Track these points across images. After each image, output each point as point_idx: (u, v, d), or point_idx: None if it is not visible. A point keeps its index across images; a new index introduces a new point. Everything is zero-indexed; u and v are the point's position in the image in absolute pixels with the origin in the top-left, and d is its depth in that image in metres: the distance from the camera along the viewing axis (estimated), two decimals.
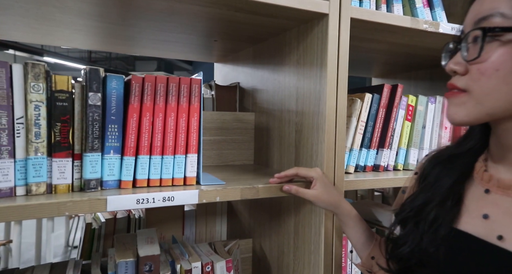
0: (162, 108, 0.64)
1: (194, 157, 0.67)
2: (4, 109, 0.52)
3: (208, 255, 0.77)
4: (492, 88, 0.41)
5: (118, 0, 0.65)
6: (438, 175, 0.52)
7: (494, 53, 0.40)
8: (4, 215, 0.49)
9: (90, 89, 0.58)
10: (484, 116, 0.42)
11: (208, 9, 0.71)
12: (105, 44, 1.06)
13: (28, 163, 0.55)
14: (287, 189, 0.68)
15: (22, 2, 0.65)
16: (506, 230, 0.42)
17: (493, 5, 0.41)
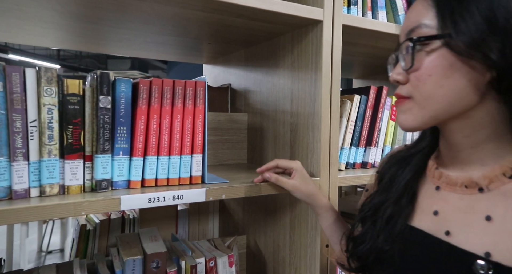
0: (169, 110, 0.66)
1: (200, 157, 0.70)
2: (18, 113, 0.53)
3: (210, 251, 0.80)
4: (429, 92, 0.43)
5: (119, 4, 0.66)
6: (394, 174, 0.54)
7: (425, 61, 0.43)
8: (23, 215, 0.50)
9: (100, 92, 0.59)
10: (429, 120, 0.44)
11: (209, 15, 0.74)
12: (95, 45, 1.06)
13: (42, 164, 0.56)
14: (267, 176, 0.70)
15: None
16: (452, 226, 0.44)
17: (418, 17, 0.45)
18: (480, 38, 0.39)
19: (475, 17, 0.40)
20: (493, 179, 0.42)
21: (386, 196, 0.54)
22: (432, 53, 0.43)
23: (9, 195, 0.53)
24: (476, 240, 0.41)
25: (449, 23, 0.41)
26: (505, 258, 0.38)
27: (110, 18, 0.76)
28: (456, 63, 0.41)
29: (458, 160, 0.47)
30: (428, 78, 0.43)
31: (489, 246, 0.40)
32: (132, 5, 0.67)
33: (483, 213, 0.42)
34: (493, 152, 0.43)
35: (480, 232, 0.41)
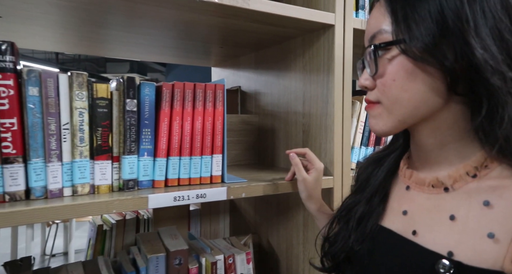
0: (190, 112, 0.69)
1: (219, 157, 0.72)
2: (53, 116, 0.56)
3: (228, 249, 0.83)
4: (395, 97, 0.43)
5: (132, 10, 0.69)
6: (369, 175, 0.56)
7: (387, 66, 0.44)
8: (60, 213, 0.52)
9: (127, 96, 0.62)
10: (398, 124, 0.45)
11: (225, 20, 0.77)
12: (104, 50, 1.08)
13: (74, 165, 0.58)
14: (292, 156, 0.73)
15: None
16: (419, 225, 0.45)
17: (377, 23, 0.45)
18: (432, 43, 0.40)
19: (427, 22, 0.40)
20: (458, 179, 0.43)
21: (360, 196, 0.55)
22: (394, 58, 0.43)
23: (45, 194, 0.56)
24: (440, 239, 0.42)
25: (403, 29, 0.42)
26: (467, 257, 0.38)
27: (124, 23, 0.78)
28: (416, 68, 0.42)
29: (426, 160, 0.47)
30: (393, 84, 0.43)
31: (452, 245, 0.40)
32: (147, 12, 0.69)
33: (448, 213, 0.42)
34: (458, 152, 0.44)
35: (444, 231, 0.42)
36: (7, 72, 0.52)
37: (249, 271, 0.81)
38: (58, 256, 3.63)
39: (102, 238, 1.04)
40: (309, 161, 0.74)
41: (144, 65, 10.82)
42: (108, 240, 1.04)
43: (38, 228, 3.75)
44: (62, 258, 3.65)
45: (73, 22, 0.78)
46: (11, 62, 0.52)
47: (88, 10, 0.69)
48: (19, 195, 0.54)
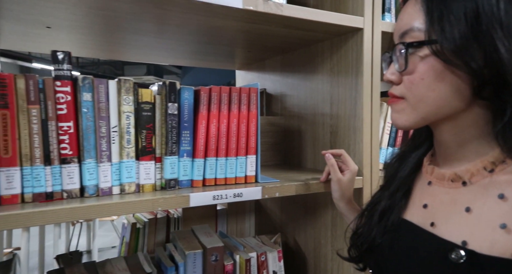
0: (226, 115, 0.72)
1: (253, 158, 0.75)
2: (103, 120, 0.60)
3: (259, 247, 0.86)
4: (422, 95, 0.44)
5: (164, 17, 0.72)
6: (395, 171, 0.57)
7: (418, 65, 0.44)
8: (112, 210, 0.56)
9: (169, 100, 0.66)
10: (420, 120, 0.46)
11: (256, 26, 0.79)
12: (135, 55, 1.13)
13: (122, 165, 0.62)
14: (328, 157, 0.75)
15: None
16: (437, 217, 0.47)
17: (410, 20, 0.45)
18: (463, 46, 0.40)
19: (461, 24, 0.40)
20: (475, 173, 0.45)
21: (386, 191, 0.57)
22: (424, 58, 0.44)
23: (97, 192, 0.60)
24: (455, 230, 0.44)
25: (436, 29, 0.42)
26: (480, 246, 0.40)
27: (156, 30, 0.82)
28: (446, 69, 0.42)
29: (447, 157, 0.49)
30: (421, 82, 0.44)
31: (467, 235, 0.42)
32: (178, 18, 0.72)
33: (464, 205, 0.44)
34: (477, 150, 0.45)
35: (459, 222, 0.44)
36: (64, 80, 0.56)
37: (280, 269, 0.84)
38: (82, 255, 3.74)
39: (135, 235, 1.08)
40: (344, 162, 0.76)
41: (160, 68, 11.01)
42: (141, 237, 1.09)
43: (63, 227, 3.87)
44: (85, 256, 3.76)
45: (112, 30, 0.82)
46: (68, 70, 0.57)
47: (127, 19, 0.74)
48: (75, 192, 0.58)
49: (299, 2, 0.87)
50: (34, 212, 0.50)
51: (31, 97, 0.54)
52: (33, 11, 0.65)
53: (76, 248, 3.68)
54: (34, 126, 0.54)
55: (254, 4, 0.68)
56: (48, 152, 0.56)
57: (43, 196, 0.56)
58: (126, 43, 0.96)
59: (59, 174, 0.57)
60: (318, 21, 0.75)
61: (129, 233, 1.10)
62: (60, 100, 0.56)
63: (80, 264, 0.68)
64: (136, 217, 1.16)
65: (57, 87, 0.56)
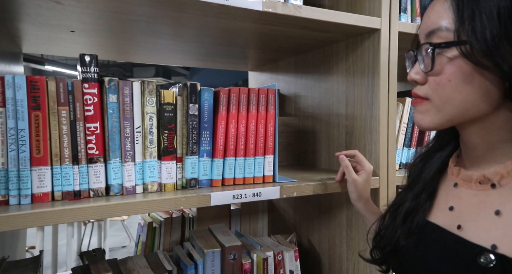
0: (245, 115, 0.73)
1: (271, 158, 0.76)
2: (128, 121, 0.62)
3: (276, 246, 0.86)
4: (448, 97, 0.43)
5: (181, 20, 0.73)
6: (419, 172, 0.56)
7: (445, 65, 0.43)
8: (137, 208, 0.58)
9: (190, 101, 0.67)
10: (445, 122, 0.45)
11: (274, 28, 0.81)
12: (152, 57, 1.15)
13: (145, 165, 0.64)
14: (342, 158, 0.75)
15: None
16: (464, 220, 0.46)
17: (437, 19, 0.43)
18: (495, 48, 0.38)
19: (493, 24, 0.38)
20: (505, 175, 0.43)
21: (410, 192, 0.56)
22: (453, 59, 0.42)
23: (121, 191, 0.62)
24: (484, 233, 0.42)
25: (467, 29, 0.40)
26: (510, 250, 0.39)
27: (173, 33, 0.84)
28: (474, 71, 0.41)
29: (474, 159, 0.48)
30: (448, 84, 0.43)
31: (496, 239, 0.41)
32: (194, 21, 0.73)
33: (494, 208, 0.43)
34: (506, 151, 0.44)
35: (488, 226, 0.42)
36: (92, 82, 0.58)
37: (297, 268, 0.85)
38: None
39: (152, 234, 1.10)
40: (359, 162, 0.75)
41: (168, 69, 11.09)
42: (157, 236, 1.11)
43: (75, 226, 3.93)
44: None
45: (133, 33, 0.84)
46: (95, 73, 0.58)
47: (148, 22, 0.75)
48: (101, 191, 0.60)
49: (314, 3, 0.88)
50: (64, 210, 0.52)
51: (61, 99, 0.56)
52: (60, 17, 0.67)
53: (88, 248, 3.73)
54: (63, 127, 0.56)
55: (273, 6, 0.69)
56: (76, 152, 0.58)
57: (71, 194, 0.57)
58: (144, 46, 0.98)
59: (86, 173, 0.59)
60: (335, 22, 0.76)
61: (145, 232, 1.12)
62: (87, 101, 0.58)
63: (104, 260, 0.69)
64: (152, 216, 1.18)
65: (85, 89, 0.58)
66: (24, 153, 0.53)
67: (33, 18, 0.68)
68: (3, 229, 0.46)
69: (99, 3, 0.62)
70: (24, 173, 0.53)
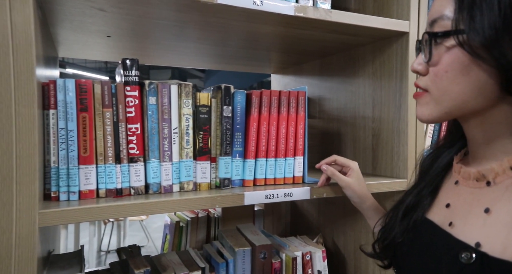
0: (276, 117, 0.75)
1: (301, 159, 0.78)
2: (166, 122, 0.64)
3: (303, 246, 0.87)
4: (445, 88, 0.42)
5: (216, 26, 0.76)
6: (427, 168, 0.56)
7: (443, 56, 0.42)
8: (176, 206, 0.60)
9: (224, 103, 0.69)
10: (444, 115, 0.44)
11: (304, 32, 0.82)
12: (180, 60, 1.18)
13: (181, 165, 0.66)
14: (324, 169, 0.72)
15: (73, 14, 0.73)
16: (456, 217, 0.46)
17: (440, 8, 0.43)
18: (493, 38, 0.37)
19: (493, 13, 0.37)
20: (500, 173, 0.42)
21: (415, 188, 0.56)
22: (450, 49, 0.41)
23: (159, 190, 0.64)
24: (471, 231, 0.42)
25: (465, 18, 0.39)
26: (493, 249, 0.39)
27: (201, 36, 0.86)
28: (472, 63, 0.40)
29: (476, 155, 0.47)
30: (445, 75, 0.42)
31: (482, 237, 0.40)
32: (221, 25, 0.75)
33: (484, 206, 0.42)
34: (505, 148, 0.43)
35: (477, 223, 0.42)
36: (133, 85, 0.61)
37: (324, 268, 0.85)
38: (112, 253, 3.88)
39: (179, 233, 1.13)
40: (342, 164, 0.73)
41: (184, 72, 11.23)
42: (184, 235, 1.13)
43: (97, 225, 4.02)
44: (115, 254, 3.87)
45: (165, 37, 0.87)
46: (136, 76, 0.61)
47: (182, 27, 0.78)
48: (140, 189, 0.62)
49: (340, 7, 0.90)
50: (110, 206, 0.54)
51: (106, 101, 0.59)
52: (101, 23, 0.70)
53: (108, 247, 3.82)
54: (107, 127, 0.59)
55: (304, 11, 0.70)
56: (118, 151, 0.61)
57: (114, 192, 0.60)
58: (173, 50, 1.01)
59: (127, 172, 0.61)
60: (365, 26, 0.77)
61: (172, 231, 1.14)
62: (129, 103, 0.61)
63: (141, 256, 0.72)
64: (178, 215, 1.21)
65: (127, 92, 0.61)
66: (73, 152, 0.56)
67: (75, 24, 0.71)
68: (56, 223, 0.49)
69: (138, 9, 0.65)
70: (72, 171, 0.56)
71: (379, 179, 0.84)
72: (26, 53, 0.46)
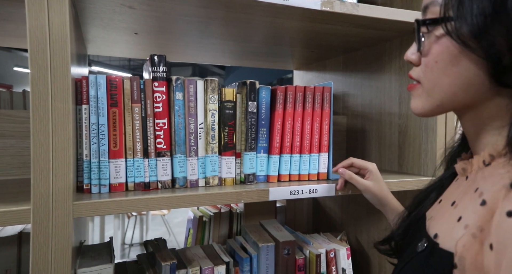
0: (300, 113, 0.74)
1: (326, 155, 0.77)
2: (192, 117, 0.65)
3: (327, 243, 0.87)
4: (435, 80, 0.40)
5: (243, 22, 0.76)
6: (446, 167, 0.55)
7: (432, 45, 0.40)
8: (203, 200, 0.61)
9: (249, 99, 0.69)
10: (436, 108, 0.42)
11: (330, 26, 0.81)
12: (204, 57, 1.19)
13: (207, 160, 0.67)
14: (341, 172, 0.70)
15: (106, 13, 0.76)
16: (434, 212, 0.46)
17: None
18: (481, 26, 0.35)
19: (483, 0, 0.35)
20: (474, 166, 0.42)
21: (424, 189, 0.55)
22: (440, 38, 0.39)
23: (185, 184, 0.65)
24: (438, 223, 0.43)
25: (454, 4, 0.37)
26: (444, 240, 0.39)
27: (226, 32, 0.86)
28: (461, 53, 0.37)
29: (473, 150, 0.45)
30: (435, 66, 0.40)
31: (441, 228, 0.41)
32: (257, 21, 0.75)
33: (453, 199, 0.43)
34: (492, 143, 0.41)
35: (443, 216, 0.43)
36: (160, 81, 0.62)
37: (349, 266, 0.84)
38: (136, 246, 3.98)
39: (202, 228, 1.14)
40: (359, 166, 0.72)
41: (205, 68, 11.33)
42: (207, 229, 1.15)
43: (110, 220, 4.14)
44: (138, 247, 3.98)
45: (190, 34, 0.88)
46: (164, 72, 0.62)
47: (208, 24, 0.79)
48: (167, 183, 0.63)
49: (366, 0, 0.88)
50: (139, 199, 0.56)
51: (135, 96, 0.60)
52: (130, 20, 0.72)
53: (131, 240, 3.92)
54: (136, 122, 0.61)
55: (331, 5, 0.69)
56: (146, 146, 0.62)
57: (142, 186, 0.62)
58: (197, 46, 1.02)
59: (155, 166, 0.63)
60: (393, 20, 0.75)
61: (195, 225, 1.16)
62: (157, 99, 0.62)
63: (167, 249, 0.74)
64: (201, 210, 1.23)
65: (154, 88, 0.62)
66: (103, 146, 0.58)
67: (106, 22, 0.73)
68: (89, 214, 0.51)
69: (165, 6, 0.66)
70: (103, 165, 0.58)
71: (406, 177, 0.82)
72: (62, 51, 0.48)
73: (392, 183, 0.77)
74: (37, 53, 0.47)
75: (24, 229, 0.75)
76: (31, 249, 0.48)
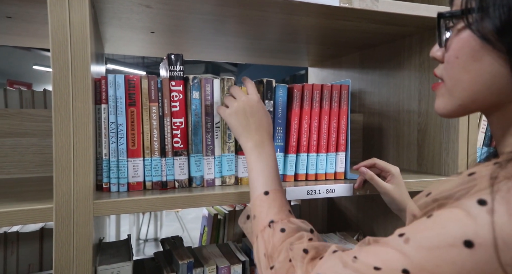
0: (317, 112, 0.73)
1: (343, 155, 0.76)
2: (209, 116, 0.65)
3: (344, 243, 0.86)
4: (456, 77, 0.38)
5: (259, 20, 0.75)
6: None
7: (454, 39, 0.38)
8: (220, 200, 0.61)
9: (266, 97, 0.69)
10: (458, 108, 0.40)
11: (348, 23, 0.79)
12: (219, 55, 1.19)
13: (223, 159, 0.67)
14: (363, 171, 0.68)
15: None
16: None
17: None
18: (506, 20, 0.32)
19: None
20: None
21: None
22: (460, 32, 0.37)
23: (202, 183, 0.65)
24: None
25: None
26: None
27: (242, 30, 0.85)
28: (483, 48, 0.35)
29: (499, 153, 0.42)
30: (455, 61, 0.38)
31: None
32: (274, 19, 0.75)
33: None
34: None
35: None
36: (178, 80, 0.62)
37: None
38: (150, 241, 4.04)
39: (217, 226, 1.15)
40: (382, 168, 0.69)
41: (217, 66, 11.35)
42: (222, 227, 1.15)
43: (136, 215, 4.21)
44: (153, 243, 4.04)
45: (205, 32, 0.88)
46: (181, 71, 0.62)
47: (223, 21, 0.78)
48: (184, 182, 0.64)
49: None
50: (157, 198, 0.56)
51: (152, 95, 0.60)
52: (146, 19, 0.72)
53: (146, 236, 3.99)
54: (153, 122, 0.61)
55: (349, 1, 0.68)
56: (163, 145, 0.62)
57: (159, 185, 0.62)
58: (211, 44, 1.02)
59: (172, 165, 0.63)
60: (414, 15, 0.73)
61: (210, 223, 1.17)
62: (174, 98, 0.62)
63: (184, 247, 0.74)
64: (216, 208, 1.23)
65: (172, 87, 0.62)
66: (122, 145, 0.59)
67: (123, 21, 0.74)
68: (109, 213, 0.52)
69: (182, 5, 0.66)
70: (122, 164, 0.59)
71: (426, 177, 0.80)
72: (82, 51, 0.48)
73: (412, 183, 0.76)
74: (59, 54, 0.47)
75: (46, 225, 0.77)
76: (54, 247, 0.49)
